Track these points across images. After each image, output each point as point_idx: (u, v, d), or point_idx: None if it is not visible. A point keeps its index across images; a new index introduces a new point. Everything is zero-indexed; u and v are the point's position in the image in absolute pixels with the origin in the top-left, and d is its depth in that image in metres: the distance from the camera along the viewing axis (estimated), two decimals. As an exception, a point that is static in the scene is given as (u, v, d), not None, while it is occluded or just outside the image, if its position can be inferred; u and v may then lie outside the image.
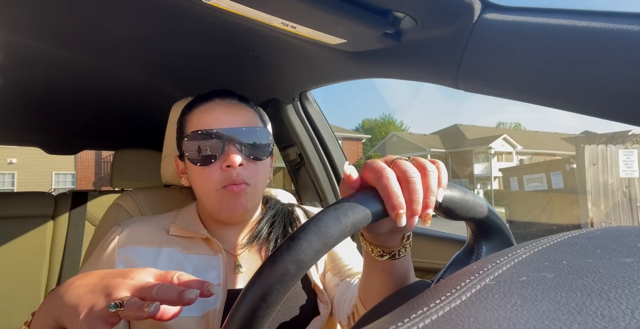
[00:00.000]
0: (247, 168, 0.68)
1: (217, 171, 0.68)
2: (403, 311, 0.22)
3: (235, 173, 0.67)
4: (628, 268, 0.21)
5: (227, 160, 0.66)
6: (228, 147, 0.67)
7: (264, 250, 0.75)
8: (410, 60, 0.69)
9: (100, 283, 0.43)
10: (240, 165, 0.67)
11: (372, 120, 46.58)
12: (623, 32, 0.43)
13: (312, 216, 0.37)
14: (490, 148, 23.15)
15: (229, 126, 0.69)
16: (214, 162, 0.68)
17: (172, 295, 0.39)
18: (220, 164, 0.67)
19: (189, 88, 1.20)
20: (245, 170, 0.68)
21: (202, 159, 0.68)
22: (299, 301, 0.71)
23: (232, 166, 0.66)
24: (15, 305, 1.66)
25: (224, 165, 0.67)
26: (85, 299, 0.41)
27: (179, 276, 0.43)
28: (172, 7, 0.76)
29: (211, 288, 0.41)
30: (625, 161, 6.45)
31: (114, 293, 0.41)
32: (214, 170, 0.68)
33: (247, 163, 0.68)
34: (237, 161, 0.66)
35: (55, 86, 1.29)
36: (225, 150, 0.67)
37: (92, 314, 0.39)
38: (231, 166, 0.66)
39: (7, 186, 16.17)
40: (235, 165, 0.66)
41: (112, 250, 0.67)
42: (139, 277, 0.43)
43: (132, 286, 0.41)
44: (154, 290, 0.39)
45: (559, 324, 0.17)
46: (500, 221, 0.48)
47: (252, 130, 0.70)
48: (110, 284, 0.42)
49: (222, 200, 0.68)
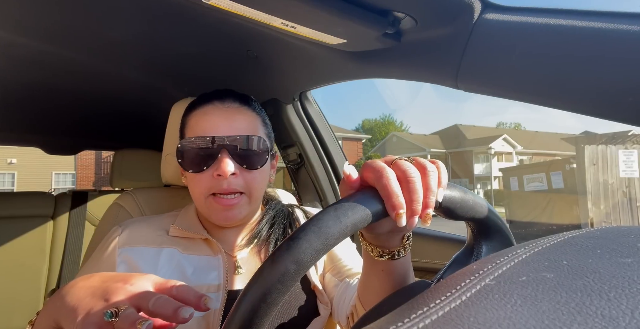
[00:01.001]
0: (240, 177, 0.67)
1: (208, 178, 0.66)
2: (403, 311, 0.22)
3: (226, 183, 0.65)
4: (628, 268, 0.21)
5: (218, 169, 0.65)
6: (221, 155, 0.66)
7: (263, 251, 0.75)
8: (410, 60, 0.69)
9: (101, 287, 0.43)
10: (233, 175, 0.65)
11: (372, 120, 46.61)
12: (623, 32, 0.43)
13: (312, 216, 0.37)
14: (490, 148, 23.15)
15: (224, 133, 0.67)
16: (206, 170, 0.66)
17: (168, 310, 0.38)
18: (212, 172, 0.66)
19: (189, 88, 1.20)
20: (238, 179, 0.66)
21: (194, 166, 0.67)
22: (299, 302, 0.71)
23: (223, 176, 0.64)
24: (16, 305, 1.66)
25: (215, 173, 0.65)
26: (84, 303, 0.41)
27: (178, 287, 0.42)
28: (172, 7, 0.76)
29: (208, 302, 0.41)
30: (625, 161, 6.45)
31: (112, 299, 0.40)
32: (205, 178, 0.66)
33: (240, 172, 0.67)
34: (229, 171, 0.64)
35: (55, 86, 1.29)
36: (218, 158, 0.66)
37: (88, 319, 0.39)
38: (222, 175, 0.64)
39: (7, 186, 16.17)
40: (227, 175, 0.64)
41: (112, 250, 0.67)
42: (138, 284, 0.42)
43: (130, 293, 0.41)
44: (151, 302, 0.39)
45: (559, 324, 0.17)
46: (500, 222, 0.48)
47: (247, 139, 0.68)
48: (110, 289, 0.42)
49: (211, 208, 0.68)
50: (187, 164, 0.67)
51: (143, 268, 0.66)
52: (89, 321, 0.39)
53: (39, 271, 1.73)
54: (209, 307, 0.41)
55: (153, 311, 0.39)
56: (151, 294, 0.40)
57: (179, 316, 0.38)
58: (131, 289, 0.41)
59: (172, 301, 0.39)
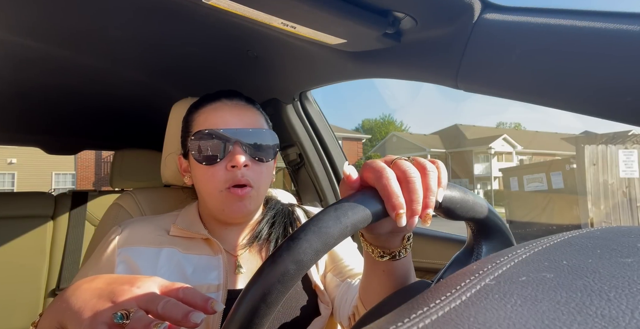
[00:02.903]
0: (251, 169, 0.68)
1: (222, 171, 0.68)
2: (403, 311, 0.21)
3: (240, 173, 0.67)
4: (628, 268, 0.21)
5: (232, 160, 0.66)
6: (234, 147, 0.67)
7: (264, 251, 0.75)
8: (410, 60, 0.69)
9: (107, 289, 0.42)
10: (245, 166, 0.67)
11: (372, 120, 46.61)
12: (623, 32, 0.43)
13: (312, 216, 0.37)
14: (490, 148, 23.15)
15: (235, 126, 0.69)
16: (219, 162, 0.68)
17: (178, 315, 0.38)
18: (226, 164, 0.67)
19: (189, 89, 1.20)
20: (249, 171, 0.68)
21: (207, 158, 0.68)
22: (300, 301, 0.71)
23: (237, 167, 0.66)
24: (16, 305, 1.66)
25: (229, 165, 0.67)
26: (91, 304, 0.41)
27: (185, 290, 0.42)
28: (172, 7, 0.76)
29: (215, 306, 0.41)
30: (625, 161, 6.45)
31: (119, 301, 0.40)
32: (219, 170, 0.68)
33: (251, 164, 0.68)
34: (242, 161, 0.66)
35: (55, 86, 1.29)
36: (231, 150, 0.67)
37: (96, 320, 0.39)
38: (236, 166, 0.66)
39: (7, 186, 16.17)
40: (241, 165, 0.66)
41: (112, 250, 0.67)
42: (145, 286, 0.42)
43: (137, 295, 0.41)
44: (160, 306, 0.39)
45: (559, 324, 0.17)
46: (500, 222, 0.48)
47: (258, 132, 0.70)
48: (116, 291, 0.42)
49: (225, 201, 0.68)
50: (200, 157, 0.68)
51: (142, 268, 0.66)
52: (97, 321, 0.39)
53: (39, 271, 1.73)
54: (215, 310, 0.41)
55: (162, 314, 0.38)
56: (159, 297, 0.40)
57: (190, 321, 0.38)
58: (138, 292, 0.41)
59: (181, 305, 0.39)
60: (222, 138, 0.68)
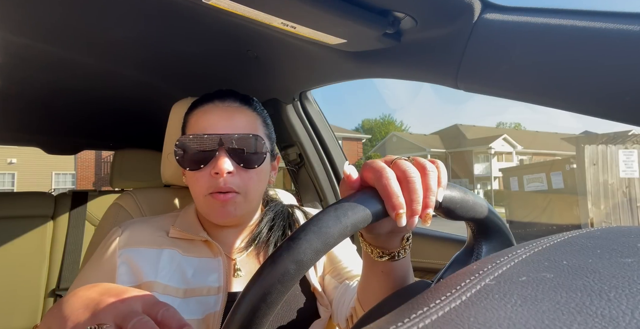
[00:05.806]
0: (237, 175, 0.67)
1: (206, 177, 0.66)
2: (403, 311, 0.21)
3: (222, 181, 0.65)
4: (628, 268, 0.21)
5: (215, 167, 0.65)
6: (219, 153, 0.66)
7: (262, 254, 0.74)
8: (410, 60, 0.69)
9: (96, 299, 0.42)
10: (229, 173, 0.65)
11: (372, 120, 46.61)
12: (623, 32, 0.43)
13: (312, 216, 0.37)
14: (490, 148, 23.15)
15: (222, 131, 0.67)
16: (204, 168, 0.67)
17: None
18: (210, 170, 0.66)
19: (189, 88, 1.20)
20: (235, 178, 0.66)
21: (192, 163, 0.67)
22: (299, 304, 0.71)
23: (220, 174, 0.65)
24: (16, 305, 1.66)
25: (212, 171, 0.65)
26: (75, 314, 0.41)
27: (164, 312, 0.41)
28: (172, 7, 0.76)
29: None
30: (625, 161, 6.45)
31: (99, 314, 0.40)
32: (203, 176, 0.67)
33: (237, 171, 0.67)
34: (226, 169, 0.64)
35: (55, 86, 1.29)
36: (216, 156, 0.66)
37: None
38: (219, 173, 0.65)
39: (7, 186, 16.17)
40: (223, 172, 0.64)
41: (113, 252, 0.67)
42: (128, 301, 0.41)
43: (117, 311, 0.40)
44: (131, 324, 0.38)
45: (559, 324, 0.17)
46: (500, 222, 0.48)
47: (245, 137, 0.68)
48: (101, 304, 0.41)
49: (210, 206, 0.68)
50: (185, 162, 0.68)
51: (144, 268, 0.66)
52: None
53: (39, 271, 1.73)
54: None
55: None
56: (134, 315, 0.39)
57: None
58: (120, 307, 0.40)
59: (149, 326, 0.38)
60: (207, 143, 0.66)
